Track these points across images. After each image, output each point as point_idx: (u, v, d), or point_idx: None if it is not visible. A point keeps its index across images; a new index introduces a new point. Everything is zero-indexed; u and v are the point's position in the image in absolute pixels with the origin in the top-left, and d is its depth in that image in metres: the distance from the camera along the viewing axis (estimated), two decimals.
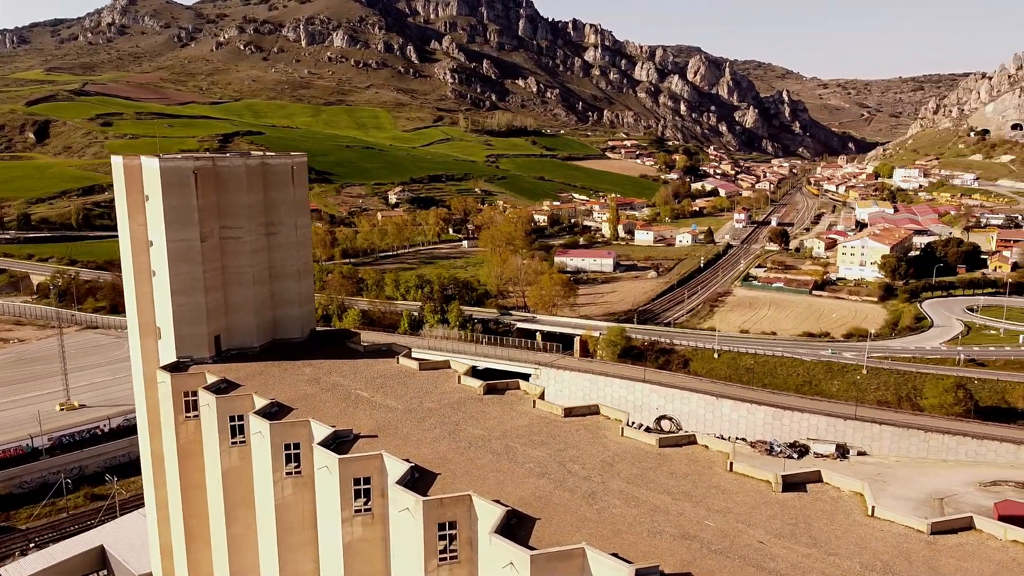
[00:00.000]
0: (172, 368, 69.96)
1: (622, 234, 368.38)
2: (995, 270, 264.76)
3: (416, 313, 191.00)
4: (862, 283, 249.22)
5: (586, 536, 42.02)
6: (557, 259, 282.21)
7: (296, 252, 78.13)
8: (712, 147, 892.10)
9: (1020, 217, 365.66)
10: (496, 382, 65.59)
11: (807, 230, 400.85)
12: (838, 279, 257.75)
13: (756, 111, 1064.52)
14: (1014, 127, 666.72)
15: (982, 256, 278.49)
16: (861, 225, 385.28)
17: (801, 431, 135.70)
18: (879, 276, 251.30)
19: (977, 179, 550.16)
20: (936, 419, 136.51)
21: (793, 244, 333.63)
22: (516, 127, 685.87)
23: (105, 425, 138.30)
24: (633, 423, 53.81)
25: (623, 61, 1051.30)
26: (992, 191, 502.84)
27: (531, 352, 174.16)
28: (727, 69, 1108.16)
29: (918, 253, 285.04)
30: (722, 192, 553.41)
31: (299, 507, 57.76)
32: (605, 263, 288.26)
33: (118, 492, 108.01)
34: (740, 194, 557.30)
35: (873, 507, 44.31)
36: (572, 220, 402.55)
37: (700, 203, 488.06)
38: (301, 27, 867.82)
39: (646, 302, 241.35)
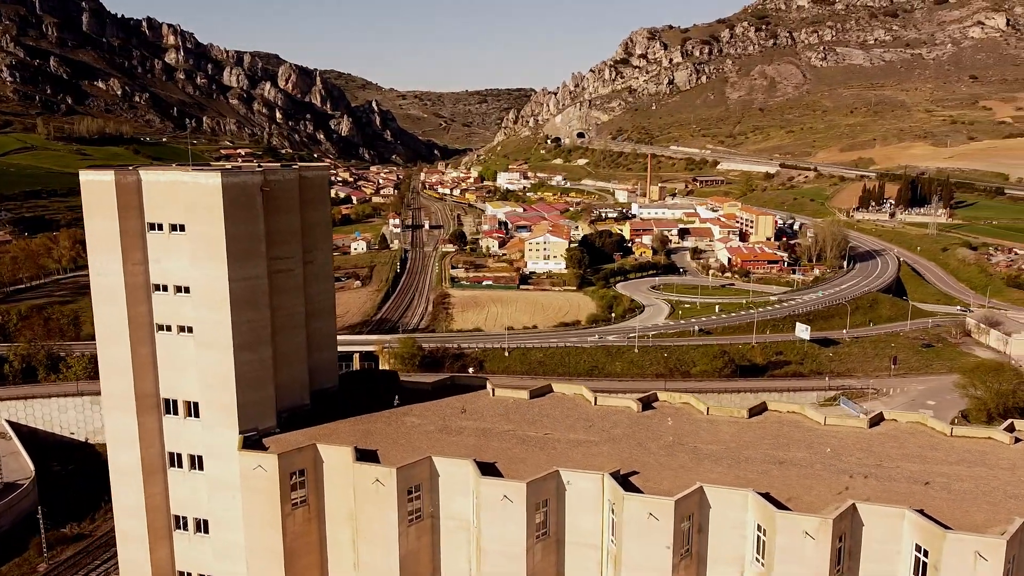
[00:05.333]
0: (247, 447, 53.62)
1: None
2: (640, 255, 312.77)
3: None
4: (553, 275, 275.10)
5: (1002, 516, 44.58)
6: None
7: (327, 284, 64.79)
8: (316, 155, 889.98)
9: (624, 210, 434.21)
10: (642, 397, 62.90)
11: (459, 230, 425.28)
12: (531, 273, 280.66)
13: (350, 120, 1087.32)
14: (579, 135, 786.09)
15: (627, 244, 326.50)
16: (503, 223, 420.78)
17: None
18: (563, 268, 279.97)
19: (566, 179, 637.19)
20: (715, 382, 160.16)
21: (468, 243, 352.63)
22: (110, 134, 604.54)
23: None
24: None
25: (209, 65, 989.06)
26: (583, 189, 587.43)
27: None
28: (318, 78, 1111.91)
29: (576, 244, 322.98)
30: (354, 199, 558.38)
31: (547, 571, 49.66)
32: None
33: None
34: (369, 200, 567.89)
35: None
36: None
37: (344, 210, 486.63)
38: None
39: (374, 311, 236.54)
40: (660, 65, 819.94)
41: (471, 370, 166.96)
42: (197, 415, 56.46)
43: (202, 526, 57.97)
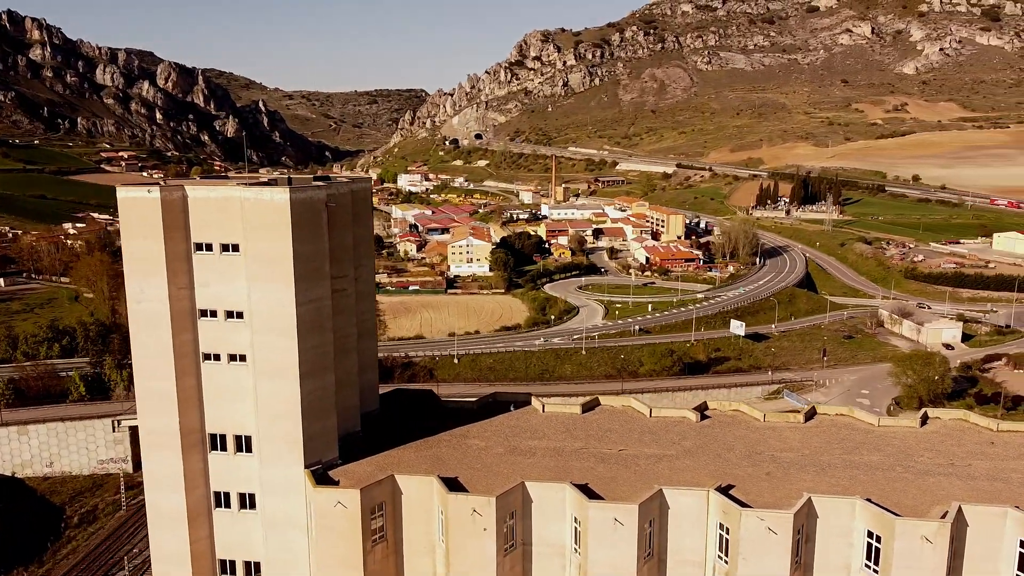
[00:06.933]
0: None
1: None
2: (560, 256, 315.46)
3: (90, 372, 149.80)
4: (479, 278, 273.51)
5: None
6: None
7: (371, 302, 61.61)
8: (202, 157, 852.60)
9: (534, 211, 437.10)
10: (696, 406, 62.69)
11: None
12: (456, 277, 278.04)
13: (236, 121, 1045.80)
14: (477, 136, 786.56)
15: (546, 245, 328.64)
16: (413, 226, 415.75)
17: None
18: (486, 270, 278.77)
19: (468, 181, 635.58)
20: (665, 380, 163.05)
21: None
22: None
23: None
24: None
25: (80, 63, 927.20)
26: (487, 190, 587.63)
27: None
28: (200, 77, 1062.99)
29: (497, 247, 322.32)
30: None
31: None
32: None
33: None
34: None
35: None
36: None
37: None
38: None
39: None
40: (554, 67, 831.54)
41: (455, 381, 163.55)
42: (249, 450, 52.14)
43: (253, 569, 53.62)
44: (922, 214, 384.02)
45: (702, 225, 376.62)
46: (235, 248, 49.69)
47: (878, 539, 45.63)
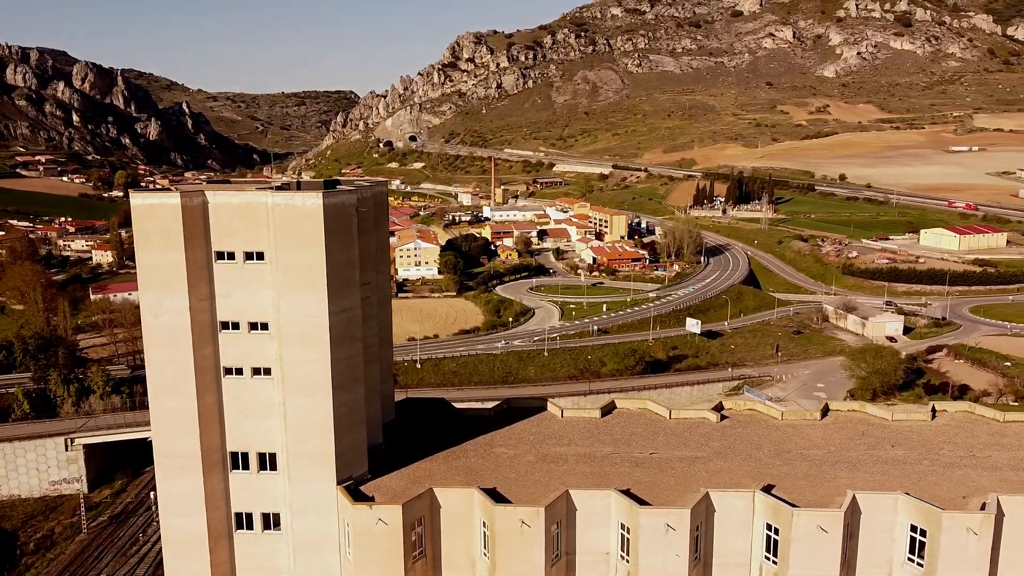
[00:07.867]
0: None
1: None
2: (507, 258, 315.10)
3: (34, 388, 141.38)
4: (429, 281, 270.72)
5: None
6: (98, 296, 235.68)
7: (388, 309, 59.79)
8: (124, 161, 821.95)
9: (476, 213, 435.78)
10: (714, 407, 62.71)
11: None
12: (405, 280, 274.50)
13: (159, 123, 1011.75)
14: (411, 139, 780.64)
15: (492, 247, 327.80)
16: None
17: None
18: (435, 273, 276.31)
19: (405, 183, 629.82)
20: (630, 379, 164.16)
21: None
22: None
23: None
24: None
25: None
26: (425, 193, 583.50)
27: None
28: (119, 78, 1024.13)
29: (443, 248, 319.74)
30: None
31: None
32: None
33: None
34: None
35: None
36: (49, 251, 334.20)
37: None
38: None
39: None
40: (488, 69, 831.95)
41: None
42: (274, 468, 49.70)
43: None
44: (851, 212, 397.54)
45: (643, 225, 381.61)
46: (260, 256, 47.26)
47: (922, 533, 46.33)
